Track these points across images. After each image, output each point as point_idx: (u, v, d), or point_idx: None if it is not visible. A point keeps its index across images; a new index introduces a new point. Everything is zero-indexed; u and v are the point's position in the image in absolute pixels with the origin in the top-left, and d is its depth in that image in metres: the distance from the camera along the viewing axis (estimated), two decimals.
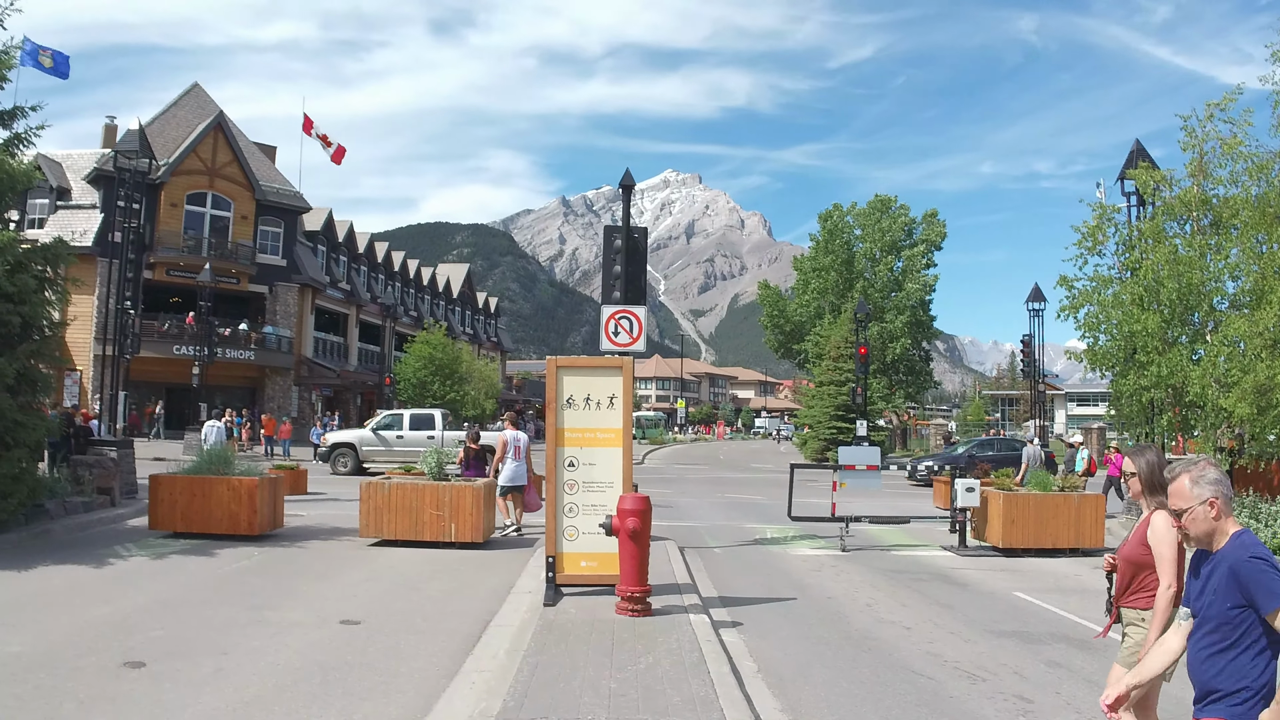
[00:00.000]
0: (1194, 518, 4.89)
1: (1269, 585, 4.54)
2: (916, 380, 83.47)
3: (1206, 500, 4.84)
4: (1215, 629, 4.76)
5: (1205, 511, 4.85)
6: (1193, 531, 4.92)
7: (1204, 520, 4.86)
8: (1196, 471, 4.93)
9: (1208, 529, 4.87)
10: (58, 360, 21.42)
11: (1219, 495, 4.85)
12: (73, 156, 59.24)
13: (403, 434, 39.13)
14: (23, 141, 19.96)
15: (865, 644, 12.14)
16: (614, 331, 16.31)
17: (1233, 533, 4.84)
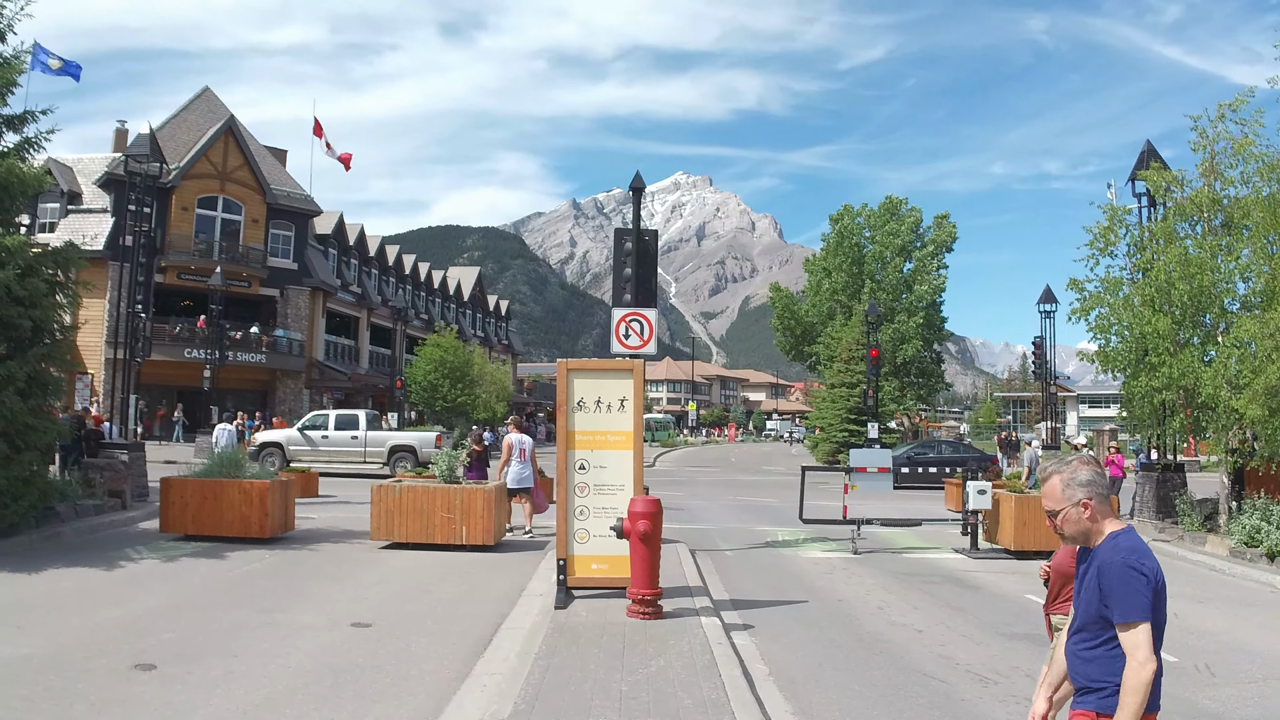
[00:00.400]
0: (1067, 519, 4.87)
1: (1126, 597, 4.51)
2: (928, 382, 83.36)
3: (1079, 502, 4.81)
4: (1087, 626, 4.73)
5: (1079, 513, 4.82)
6: (1067, 532, 4.90)
7: (1077, 522, 4.84)
8: (1069, 473, 4.89)
9: (1082, 530, 4.85)
10: (69, 364, 21.40)
11: (1093, 496, 4.81)
12: (83, 161, 59.39)
13: (328, 434, 39.33)
14: (33, 146, 19.97)
15: (877, 647, 12.12)
16: (625, 334, 16.32)
17: (1109, 533, 4.80)
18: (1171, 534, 23.00)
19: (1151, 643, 4.44)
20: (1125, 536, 4.72)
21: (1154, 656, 4.43)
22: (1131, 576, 4.51)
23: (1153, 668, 4.40)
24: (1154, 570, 4.57)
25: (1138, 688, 4.40)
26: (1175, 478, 25.19)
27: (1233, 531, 20.68)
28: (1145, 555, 4.61)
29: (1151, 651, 4.42)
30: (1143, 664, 4.40)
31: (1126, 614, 4.46)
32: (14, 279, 17.62)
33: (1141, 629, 4.44)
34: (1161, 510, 24.72)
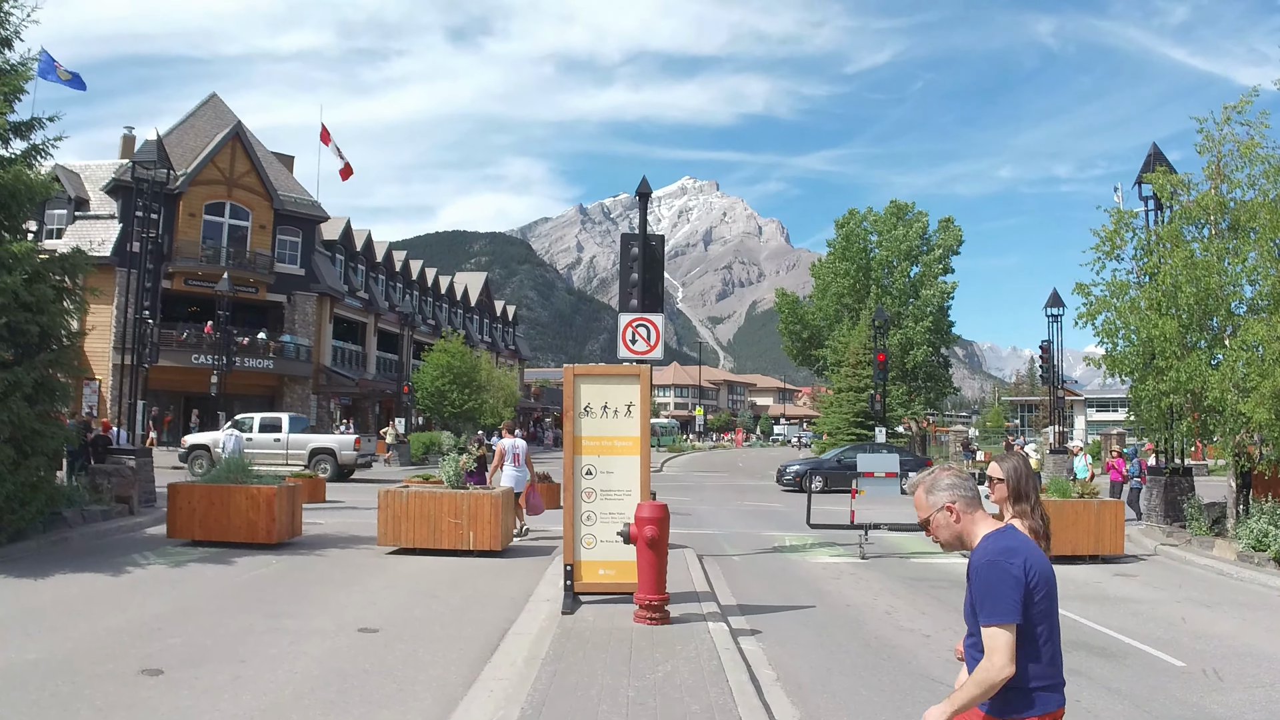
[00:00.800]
0: (936, 525, 4.88)
1: (987, 596, 4.52)
2: (936, 386, 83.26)
3: (943, 506, 4.83)
4: (972, 629, 4.74)
5: (945, 518, 4.84)
6: (940, 538, 4.91)
7: (946, 526, 4.84)
8: (930, 480, 4.94)
9: (953, 534, 4.86)
10: (76, 370, 21.43)
11: (956, 499, 4.83)
12: (91, 167, 59.45)
13: (252, 436, 39.87)
14: (40, 152, 19.99)
15: (885, 652, 12.10)
16: (631, 339, 16.31)
17: (984, 534, 4.80)
18: (1179, 538, 22.95)
19: (1013, 648, 4.43)
20: (997, 537, 4.73)
21: (1013, 664, 4.42)
22: (995, 576, 4.52)
23: (1008, 673, 4.40)
24: (1025, 569, 4.55)
25: (983, 683, 4.43)
26: (1183, 482, 25.13)
27: (1240, 535, 20.64)
28: (1015, 555, 4.59)
29: (1011, 658, 4.41)
30: (999, 668, 4.41)
31: (988, 614, 4.48)
32: (21, 285, 17.65)
33: (1004, 631, 4.44)
34: (1170, 514, 24.67)
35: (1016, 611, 4.44)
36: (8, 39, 19.61)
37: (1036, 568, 4.59)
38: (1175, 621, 14.54)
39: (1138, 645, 12.68)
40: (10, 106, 19.23)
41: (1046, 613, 4.58)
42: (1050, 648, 4.60)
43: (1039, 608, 4.55)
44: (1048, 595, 4.60)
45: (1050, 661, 4.60)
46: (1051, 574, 4.66)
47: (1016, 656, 4.44)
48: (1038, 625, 4.53)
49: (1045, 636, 4.56)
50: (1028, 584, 4.51)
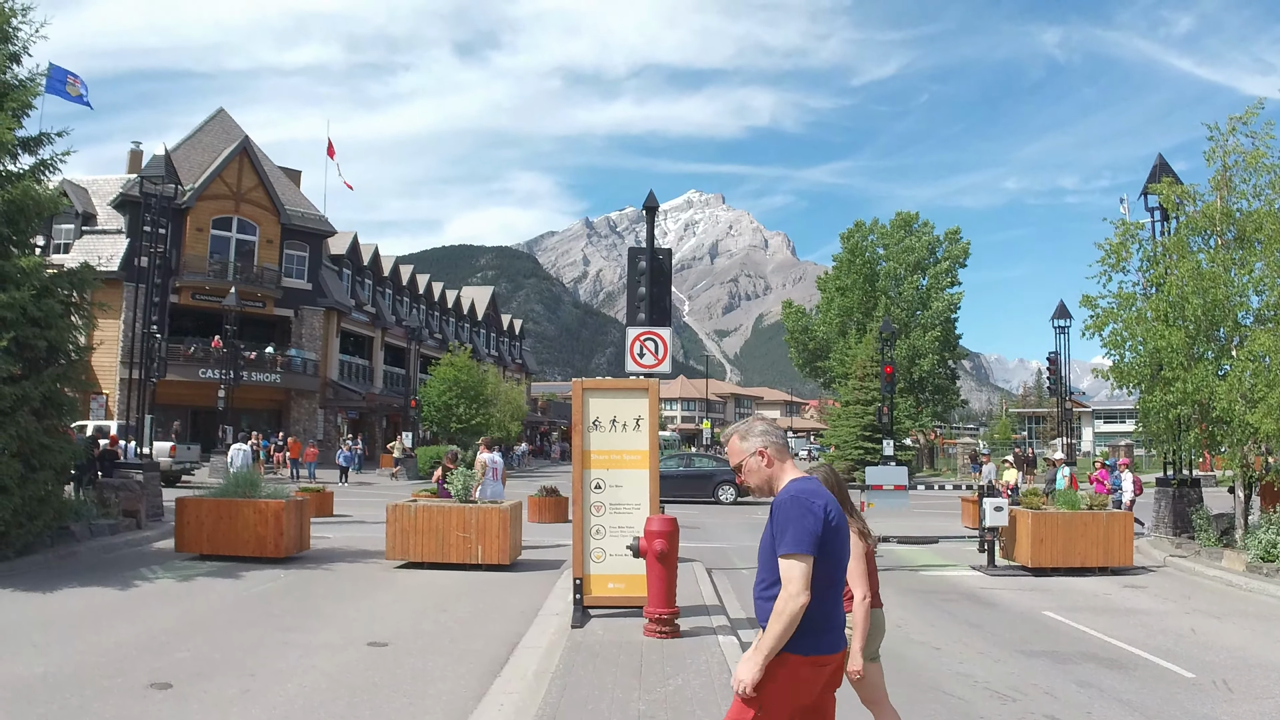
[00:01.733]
0: (749, 469, 5.07)
1: (788, 529, 4.70)
2: (944, 399, 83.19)
3: (756, 450, 5.04)
4: (768, 568, 4.88)
5: (757, 461, 5.04)
6: (751, 483, 5.09)
7: (758, 470, 5.04)
8: (745, 428, 5.17)
9: (764, 478, 5.04)
10: (84, 384, 21.47)
11: (768, 445, 5.07)
12: (98, 182, 59.59)
13: None
14: (48, 168, 20.05)
15: (895, 664, 12.03)
16: (639, 353, 16.29)
17: (790, 479, 4.97)
18: (1188, 549, 22.90)
19: (808, 578, 4.61)
20: (803, 482, 4.93)
21: (807, 591, 4.59)
22: (799, 510, 4.70)
23: (804, 600, 4.58)
24: (825, 510, 4.75)
25: (783, 614, 4.59)
26: (1191, 493, 25.09)
27: (1249, 546, 20.61)
28: (818, 495, 4.81)
29: (806, 586, 4.60)
30: (794, 596, 4.59)
31: (788, 545, 4.65)
32: (30, 300, 17.68)
33: (800, 561, 4.61)
34: (1178, 526, 24.63)
35: (814, 545, 4.64)
36: (16, 54, 19.66)
37: (836, 512, 4.82)
38: (1184, 633, 14.51)
39: (1147, 657, 12.65)
40: (18, 122, 19.28)
41: (838, 559, 4.83)
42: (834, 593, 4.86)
43: (833, 553, 4.77)
44: (841, 543, 4.85)
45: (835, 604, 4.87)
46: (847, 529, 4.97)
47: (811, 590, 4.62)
48: (831, 568, 4.75)
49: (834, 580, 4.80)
50: (827, 522, 4.72)
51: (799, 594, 4.59)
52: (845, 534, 4.94)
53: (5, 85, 19.34)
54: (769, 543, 4.85)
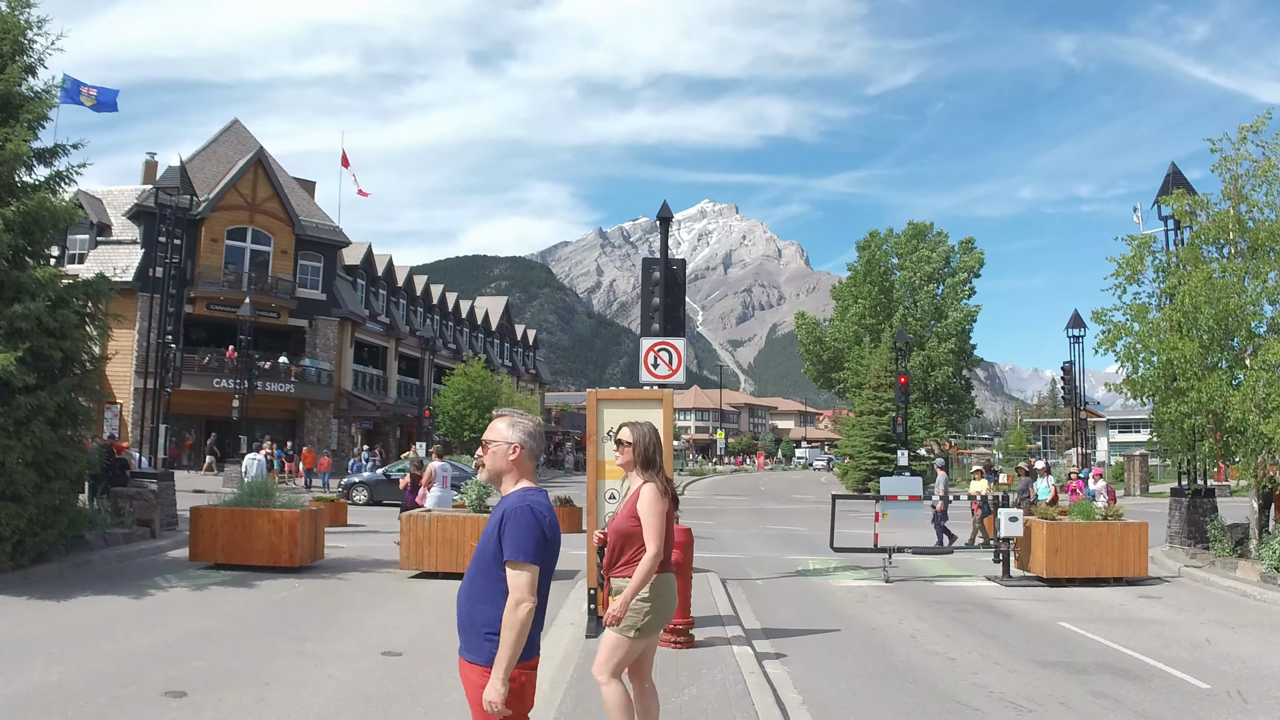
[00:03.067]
0: (496, 452, 5.17)
1: (519, 537, 4.84)
2: (958, 408, 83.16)
3: (514, 444, 5.14)
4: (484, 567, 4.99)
5: (506, 450, 5.14)
6: (489, 464, 5.19)
7: (503, 458, 5.15)
8: (517, 418, 5.27)
9: (502, 467, 5.16)
10: (98, 394, 21.52)
11: (525, 446, 5.19)
12: (113, 193, 59.80)
13: None
14: (64, 179, 20.08)
15: (910, 675, 12.05)
16: (653, 363, 16.31)
17: (524, 487, 5.11)
18: (1203, 559, 22.81)
19: (535, 585, 4.82)
20: (536, 493, 5.09)
21: (534, 597, 4.76)
22: (530, 520, 4.85)
23: (530, 606, 4.75)
24: (551, 525, 4.99)
25: (515, 624, 4.73)
26: (1205, 503, 25.00)
27: (1263, 556, 20.53)
28: (548, 511, 5.04)
29: (533, 592, 4.80)
30: (520, 602, 4.75)
31: (516, 552, 4.80)
32: (45, 311, 17.71)
33: (527, 569, 4.81)
34: (1193, 536, 24.54)
35: (536, 555, 4.84)
36: (31, 66, 19.71)
37: (556, 528, 5.03)
38: (1200, 643, 14.46)
39: (1162, 667, 12.61)
40: (34, 133, 19.31)
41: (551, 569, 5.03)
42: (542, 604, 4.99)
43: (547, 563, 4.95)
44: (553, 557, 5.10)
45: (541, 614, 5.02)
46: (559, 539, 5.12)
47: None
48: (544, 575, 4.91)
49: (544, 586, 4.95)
50: (548, 536, 4.91)
51: (526, 599, 4.77)
52: (558, 549, 5.13)
53: (21, 97, 19.38)
54: (491, 544, 4.97)
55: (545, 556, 4.91)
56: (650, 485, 6.99)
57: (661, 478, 7.10)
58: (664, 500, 6.99)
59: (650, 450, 7.09)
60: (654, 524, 6.84)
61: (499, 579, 4.88)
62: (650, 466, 7.09)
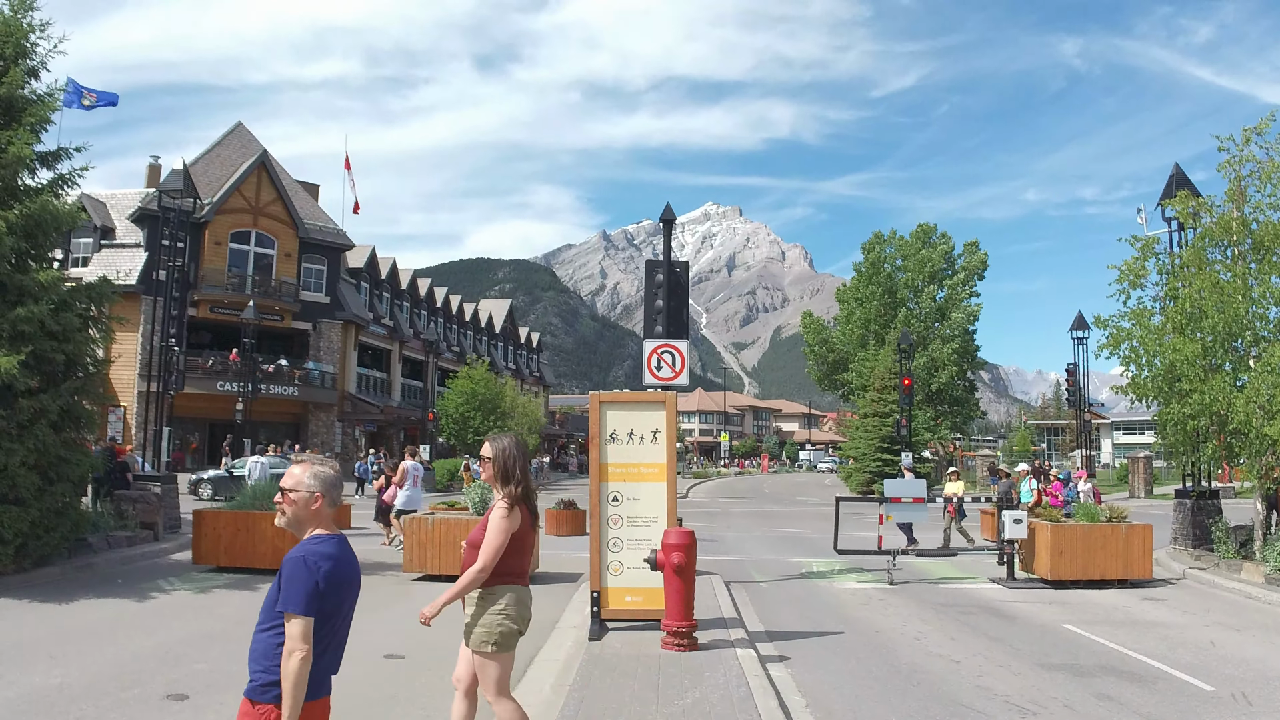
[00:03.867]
0: (298, 501, 5.23)
1: (290, 588, 4.93)
2: (962, 410, 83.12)
3: (314, 493, 5.20)
4: (268, 612, 5.11)
5: (309, 499, 5.20)
6: (290, 513, 5.26)
7: (305, 507, 5.21)
8: (316, 466, 5.31)
9: (304, 516, 5.22)
10: (102, 397, 21.51)
11: (325, 494, 5.24)
12: (117, 196, 59.86)
13: None
14: (67, 182, 20.13)
15: (914, 677, 12.03)
16: (657, 366, 16.28)
17: (315, 534, 5.20)
18: (1207, 561, 22.78)
19: (308, 635, 4.89)
20: (322, 542, 5.16)
21: (306, 645, 4.87)
22: (301, 571, 4.95)
23: (302, 655, 4.84)
24: (329, 573, 5.04)
25: (290, 674, 4.84)
26: (1210, 505, 24.96)
27: (1268, 558, 20.50)
28: (325, 560, 5.07)
29: (306, 640, 4.87)
30: (291, 653, 4.84)
31: (286, 603, 4.93)
32: (48, 314, 17.74)
33: (297, 621, 4.88)
34: (1197, 538, 24.51)
35: (307, 606, 4.90)
36: (34, 70, 19.75)
37: (340, 577, 5.10)
38: (1204, 645, 14.43)
39: (1167, 670, 12.59)
40: (37, 137, 19.34)
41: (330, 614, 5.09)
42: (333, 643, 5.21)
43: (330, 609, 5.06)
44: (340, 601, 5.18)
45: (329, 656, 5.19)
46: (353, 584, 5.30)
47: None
48: (323, 625, 4.99)
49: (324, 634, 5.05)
50: (323, 586, 4.99)
51: (296, 649, 4.86)
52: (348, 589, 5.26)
53: (24, 100, 19.42)
54: (275, 590, 5.07)
55: (324, 604, 5.00)
56: (501, 503, 7.13)
57: (518, 492, 7.20)
58: (510, 519, 7.10)
59: (509, 465, 7.22)
60: (492, 541, 7.02)
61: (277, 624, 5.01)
62: (508, 481, 7.20)
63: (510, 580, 7.16)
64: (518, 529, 7.10)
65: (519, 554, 7.17)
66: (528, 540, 7.26)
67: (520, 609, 7.20)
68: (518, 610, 7.18)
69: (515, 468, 7.20)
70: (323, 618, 4.99)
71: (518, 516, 7.10)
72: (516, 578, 7.21)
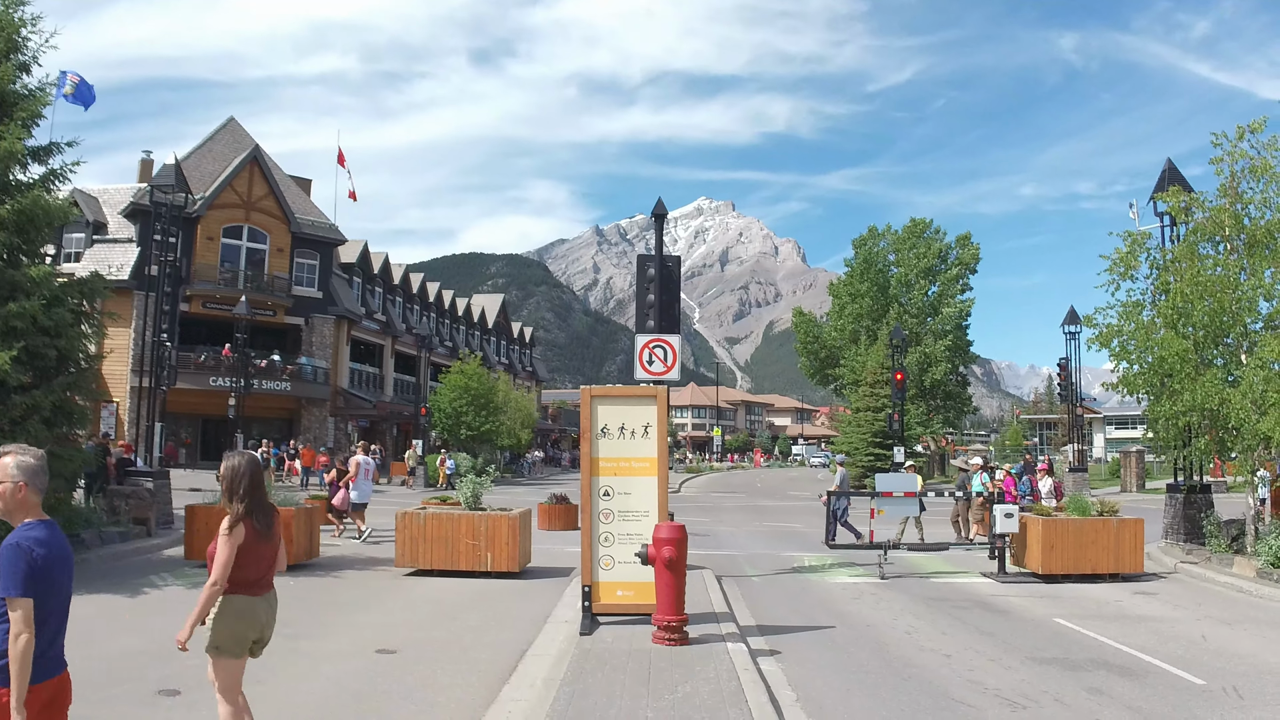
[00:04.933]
0: (5, 491, 5.33)
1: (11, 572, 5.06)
2: (954, 405, 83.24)
3: (19, 483, 5.32)
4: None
5: (14, 490, 5.32)
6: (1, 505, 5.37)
7: (11, 497, 5.32)
8: (19, 455, 5.41)
9: (12, 506, 5.33)
10: (94, 393, 21.53)
11: (29, 482, 5.36)
12: (109, 191, 59.70)
13: None
14: (58, 177, 20.10)
15: (905, 672, 12.05)
16: (648, 360, 16.28)
17: (28, 521, 5.33)
18: (1199, 555, 22.83)
19: (29, 617, 5.06)
20: (35, 528, 5.32)
21: (29, 628, 5.04)
22: (17, 555, 5.11)
23: (27, 638, 5.02)
24: (43, 557, 5.20)
25: (15, 656, 5.01)
26: (1202, 499, 25.00)
27: (1260, 552, 20.54)
28: (40, 544, 5.24)
29: (28, 624, 5.05)
30: (17, 635, 5.02)
31: (5, 589, 5.06)
32: (40, 309, 17.73)
33: (19, 604, 5.05)
34: (1189, 532, 24.55)
35: (29, 588, 5.08)
36: (25, 64, 19.72)
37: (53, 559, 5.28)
38: (1195, 639, 14.47)
39: (1158, 664, 12.62)
40: (28, 132, 19.31)
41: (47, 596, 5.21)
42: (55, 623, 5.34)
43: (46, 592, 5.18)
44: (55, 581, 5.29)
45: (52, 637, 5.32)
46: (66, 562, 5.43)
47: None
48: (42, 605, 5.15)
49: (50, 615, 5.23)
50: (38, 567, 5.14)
51: (21, 632, 5.03)
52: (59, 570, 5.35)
53: (15, 95, 19.39)
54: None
55: (40, 586, 5.13)
56: (226, 520, 7.49)
57: (240, 510, 7.56)
58: (234, 535, 7.45)
59: (235, 483, 7.60)
60: (220, 557, 7.38)
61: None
62: (231, 499, 7.57)
63: (239, 590, 7.52)
64: (243, 542, 7.45)
65: (246, 566, 7.51)
66: (256, 552, 7.60)
67: (243, 618, 7.61)
68: (237, 619, 7.58)
69: (239, 486, 7.56)
70: (42, 598, 5.14)
71: (241, 532, 7.44)
72: (245, 588, 7.56)
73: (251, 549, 7.51)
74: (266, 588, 7.79)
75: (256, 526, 7.57)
